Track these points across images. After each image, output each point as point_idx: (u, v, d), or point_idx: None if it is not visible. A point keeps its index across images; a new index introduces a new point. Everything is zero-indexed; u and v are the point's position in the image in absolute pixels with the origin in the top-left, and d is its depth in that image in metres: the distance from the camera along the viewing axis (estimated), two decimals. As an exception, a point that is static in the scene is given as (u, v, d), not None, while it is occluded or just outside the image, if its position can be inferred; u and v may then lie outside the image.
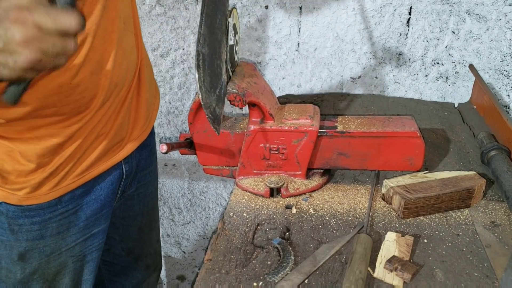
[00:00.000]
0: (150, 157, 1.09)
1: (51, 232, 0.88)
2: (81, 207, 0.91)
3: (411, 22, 1.29)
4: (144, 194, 1.11)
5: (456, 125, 1.20)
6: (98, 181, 0.92)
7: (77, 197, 0.90)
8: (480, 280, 0.71)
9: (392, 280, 0.71)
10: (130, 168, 0.99)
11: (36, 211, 0.85)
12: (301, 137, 0.91)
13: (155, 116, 1.04)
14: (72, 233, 0.92)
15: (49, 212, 0.86)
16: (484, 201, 0.90)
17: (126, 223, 1.12)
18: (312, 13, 1.32)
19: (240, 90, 0.86)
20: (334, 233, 0.83)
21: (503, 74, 1.28)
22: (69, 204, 0.89)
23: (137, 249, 1.19)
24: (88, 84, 0.78)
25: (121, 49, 0.83)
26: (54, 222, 0.88)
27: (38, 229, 0.86)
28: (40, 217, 0.86)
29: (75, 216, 0.91)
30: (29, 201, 0.83)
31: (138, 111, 0.95)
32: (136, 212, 1.12)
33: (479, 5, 1.23)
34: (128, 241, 1.16)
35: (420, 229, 0.83)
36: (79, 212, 0.91)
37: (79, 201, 0.90)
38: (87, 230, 0.94)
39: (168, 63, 1.44)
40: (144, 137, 0.99)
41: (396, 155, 0.92)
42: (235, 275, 0.74)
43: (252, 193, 0.94)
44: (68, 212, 0.89)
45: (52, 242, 0.89)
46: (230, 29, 0.85)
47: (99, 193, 0.93)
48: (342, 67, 1.39)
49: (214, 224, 1.78)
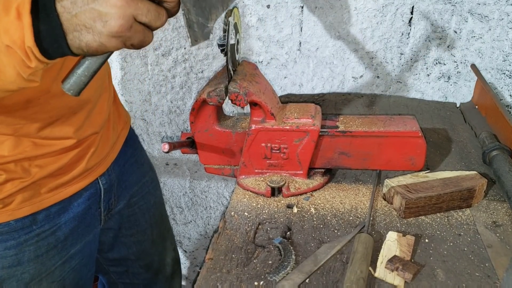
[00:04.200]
0: (138, 170, 1.06)
1: (29, 256, 0.82)
2: (58, 226, 0.85)
3: (413, 22, 1.29)
4: (147, 206, 1.08)
5: (458, 125, 1.20)
6: (75, 197, 0.87)
7: (54, 216, 0.84)
8: (481, 280, 0.71)
9: (393, 280, 0.71)
10: (109, 183, 0.95)
11: (9, 234, 0.78)
12: (303, 136, 0.90)
13: (125, 133, 1.01)
14: (51, 256, 0.86)
15: (24, 234, 0.80)
16: (486, 201, 0.90)
17: (137, 239, 1.09)
18: (313, 13, 1.32)
19: (242, 89, 0.86)
20: (335, 232, 0.83)
21: (505, 74, 1.28)
22: (45, 224, 0.83)
23: (154, 263, 1.16)
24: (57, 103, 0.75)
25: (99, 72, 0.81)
26: (31, 245, 0.81)
27: (14, 254, 0.80)
28: (14, 240, 0.79)
29: (54, 237, 0.85)
30: (1, 217, 0.77)
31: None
32: (144, 226, 1.09)
33: (481, 4, 1.22)
34: (144, 257, 1.13)
35: (421, 229, 0.83)
36: (57, 232, 0.85)
37: (56, 220, 0.85)
38: (65, 251, 0.88)
39: (170, 62, 1.44)
40: (115, 153, 0.96)
41: (398, 154, 0.91)
42: (236, 275, 0.74)
43: (254, 192, 0.95)
44: (45, 233, 0.83)
45: (31, 268, 0.83)
46: (232, 28, 0.85)
47: (76, 210, 0.88)
48: (343, 66, 1.39)
49: (215, 223, 1.78)
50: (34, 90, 0.70)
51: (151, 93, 1.50)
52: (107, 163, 0.94)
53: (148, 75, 1.46)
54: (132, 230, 1.07)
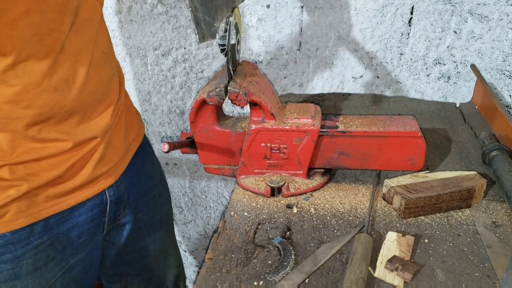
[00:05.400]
0: (146, 183, 1.03)
1: (27, 270, 0.78)
2: (57, 237, 0.81)
3: (412, 22, 1.29)
4: (152, 222, 1.05)
5: (458, 125, 1.20)
6: (77, 207, 0.84)
7: (53, 226, 0.80)
8: (481, 280, 0.71)
9: (393, 280, 0.71)
10: (117, 194, 0.92)
11: (5, 247, 0.74)
12: (302, 136, 0.91)
13: (136, 144, 0.99)
14: (50, 268, 0.82)
15: (20, 247, 0.76)
16: (485, 201, 0.90)
17: (139, 255, 1.06)
18: (313, 13, 1.32)
19: (242, 89, 0.86)
20: (335, 232, 0.83)
21: (505, 74, 1.28)
22: (44, 235, 0.78)
23: (154, 279, 1.12)
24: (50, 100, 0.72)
25: (97, 76, 0.79)
26: (28, 257, 0.77)
27: (11, 268, 0.76)
28: (11, 253, 0.75)
29: (52, 248, 0.81)
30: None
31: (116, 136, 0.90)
32: (147, 242, 1.06)
33: (481, 5, 1.22)
34: (144, 273, 1.09)
35: (421, 229, 0.83)
36: (56, 243, 0.81)
37: (55, 231, 0.80)
38: (65, 262, 0.85)
39: (170, 62, 1.44)
40: (125, 164, 0.93)
41: (397, 155, 0.92)
42: (235, 274, 0.74)
43: (253, 192, 0.95)
44: (44, 244, 0.79)
45: (29, 282, 0.79)
46: (232, 28, 0.85)
47: (76, 219, 0.84)
48: (343, 66, 1.39)
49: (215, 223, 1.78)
50: (23, 82, 0.68)
51: (151, 93, 1.50)
52: (116, 174, 0.90)
53: (148, 75, 1.46)
54: (136, 246, 1.03)
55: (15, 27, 0.65)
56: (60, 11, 0.71)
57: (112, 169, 0.89)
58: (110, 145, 0.87)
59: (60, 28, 0.71)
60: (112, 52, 0.90)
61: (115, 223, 0.97)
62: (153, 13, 1.37)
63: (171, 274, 1.17)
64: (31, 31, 0.67)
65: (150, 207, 1.04)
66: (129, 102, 1.01)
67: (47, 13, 0.69)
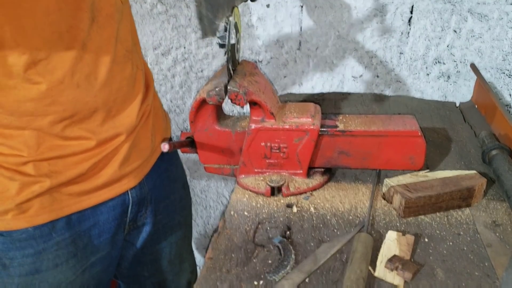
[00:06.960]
0: (168, 186, 1.02)
1: (47, 265, 0.79)
2: (79, 234, 0.82)
3: (412, 21, 1.29)
4: (170, 225, 1.05)
5: (458, 124, 1.20)
6: (99, 205, 0.84)
7: (74, 223, 0.81)
8: (481, 279, 0.71)
9: (393, 279, 0.71)
10: (139, 196, 0.91)
11: (27, 242, 0.76)
12: (302, 136, 0.90)
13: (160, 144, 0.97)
14: (71, 265, 0.83)
15: (42, 242, 0.77)
16: (485, 200, 0.90)
17: (154, 257, 1.06)
18: (313, 12, 1.32)
19: (241, 88, 0.86)
20: (335, 232, 0.83)
21: (504, 73, 1.28)
22: (65, 232, 0.80)
23: (167, 282, 1.12)
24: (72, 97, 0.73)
25: (120, 74, 0.79)
26: (49, 253, 0.79)
27: (32, 262, 0.78)
28: (33, 248, 0.77)
29: (74, 245, 0.82)
30: (19, 223, 0.75)
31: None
32: (164, 245, 1.06)
33: (481, 4, 1.22)
34: (158, 276, 1.09)
35: (421, 228, 0.83)
36: (78, 240, 0.82)
37: (77, 228, 0.82)
38: (85, 260, 0.86)
39: (169, 61, 1.44)
40: (149, 166, 0.93)
41: (397, 154, 0.92)
42: (236, 274, 0.74)
43: (253, 191, 0.95)
44: (65, 241, 0.80)
45: (49, 277, 0.80)
46: (232, 27, 0.85)
47: (98, 218, 0.85)
48: (343, 66, 1.39)
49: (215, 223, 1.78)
50: (45, 79, 0.69)
51: (151, 93, 1.50)
52: (140, 176, 0.90)
53: (147, 75, 1.46)
54: (152, 248, 1.03)
55: (35, 25, 0.66)
56: (78, 6, 0.71)
57: (137, 170, 0.89)
58: (135, 146, 0.87)
59: (79, 25, 0.71)
60: (138, 51, 0.90)
61: (135, 224, 0.97)
62: (152, 12, 1.37)
63: (184, 279, 1.17)
64: (50, 29, 0.67)
65: (170, 210, 1.04)
66: (158, 105, 1.00)
67: (66, 10, 0.69)
